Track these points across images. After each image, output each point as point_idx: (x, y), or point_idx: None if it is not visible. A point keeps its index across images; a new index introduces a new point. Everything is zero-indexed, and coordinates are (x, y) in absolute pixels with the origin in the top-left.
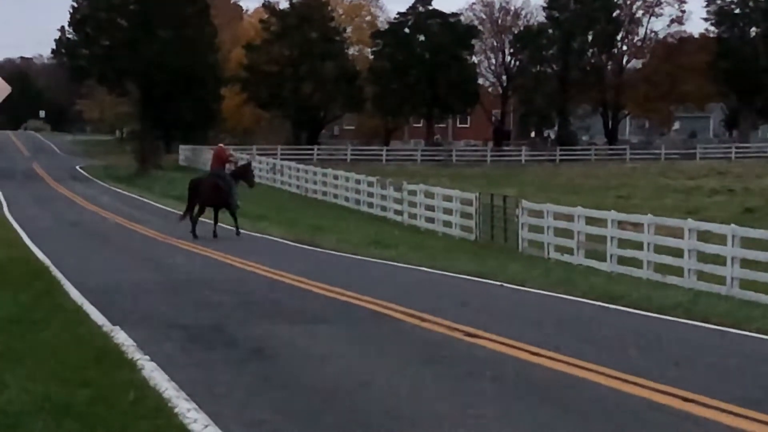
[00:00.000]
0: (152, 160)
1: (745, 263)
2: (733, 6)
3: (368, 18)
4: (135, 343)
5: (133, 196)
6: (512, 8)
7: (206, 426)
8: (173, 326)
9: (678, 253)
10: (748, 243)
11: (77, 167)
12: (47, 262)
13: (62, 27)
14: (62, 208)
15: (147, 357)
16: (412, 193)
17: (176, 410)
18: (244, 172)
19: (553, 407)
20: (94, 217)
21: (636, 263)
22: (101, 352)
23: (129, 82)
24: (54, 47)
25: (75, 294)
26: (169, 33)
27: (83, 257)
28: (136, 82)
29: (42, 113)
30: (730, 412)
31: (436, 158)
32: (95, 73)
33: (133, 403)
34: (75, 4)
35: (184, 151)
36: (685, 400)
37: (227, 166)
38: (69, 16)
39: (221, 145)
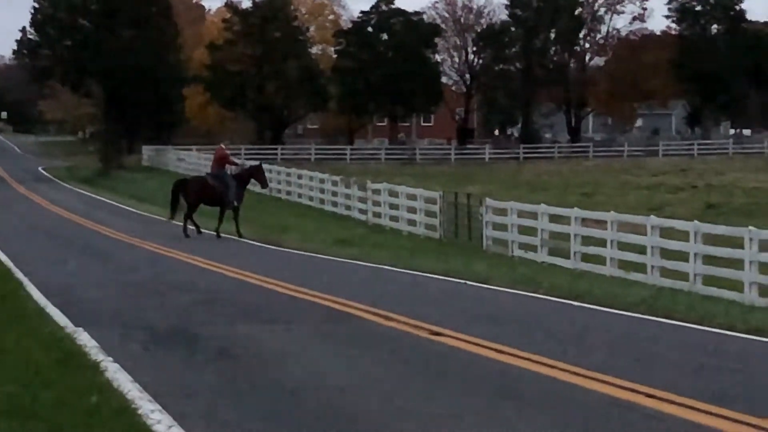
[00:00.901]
0: (115, 161)
1: (708, 259)
2: (694, 3)
3: (331, 17)
4: (98, 345)
5: (96, 197)
6: (475, 7)
7: (170, 427)
8: (137, 327)
9: (641, 249)
10: (710, 239)
11: (40, 168)
12: (9, 264)
13: (24, 27)
14: (24, 209)
15: (110, 358)
16: (377, 192)
17: (140, 411)
18: (256, 173)
19: (517, 404)
20: (56, 218)
21: (599, 260)
22: (64, 354)
23: (91, 83)
24: (15, 48)
25: (37, 295)
26: (132, 33)
27: (46, 259)
28: (99, 83)
29: (4, 114)
30: (694, 408)
31: (400, 157)
32: (57, 73)
33: (97, 405)
34: (36, 5)
35: (147, 152)
36: (648, 396)
37: (231, 167)
38: (30, 16)
39: (222, 145)
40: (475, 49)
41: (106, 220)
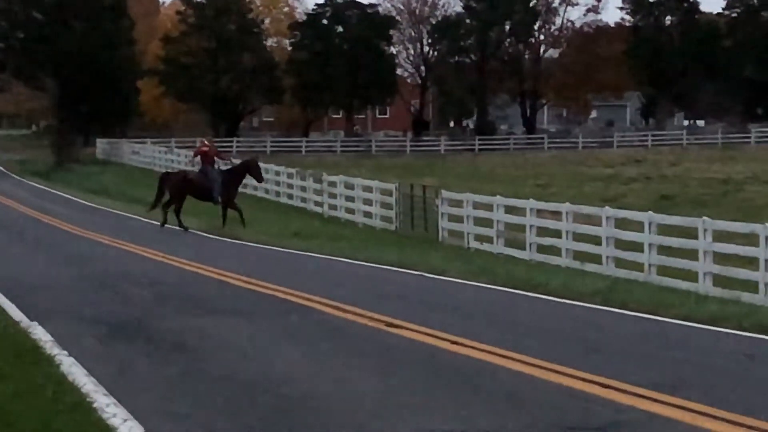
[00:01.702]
0: (70, 154)
1: (662, 250)
2: None
3: (286, 9)
4: (53, 339)
5: (50, 190)
6: None
7: (125, 420)
8: (92, 321)
9: (596, 240)
10: (664, 230)
11: None
12: None
13: None
14: None
15: (65, 352)
16: (332, 184)
17: (96, 405)
18: (252, 169)
19: (474, 395)
20: (8, 211)
21: (555, 251)
22: (19, 348)
23: (45, 76)
24: None
25: None
26: (86, 26)
27: None
28: (53, 76)
29: None
30: (649, 398)
31: (356, 149)
32: (10, 66)
33: (53, 399)
34: None
35: (101, 145)
36: (604, 386)
37: (221, 162)
38: None
39: (204, 140)
40: (430, 41)
41: (59, 213)
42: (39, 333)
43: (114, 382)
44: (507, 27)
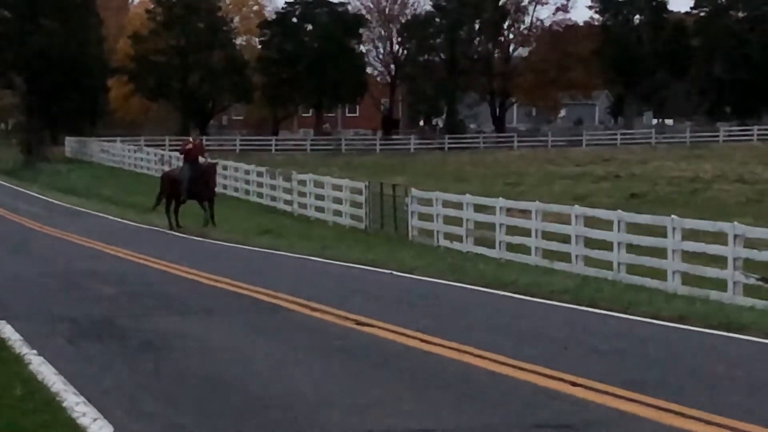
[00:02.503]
0: (39, 153)
1: (631, 248)
2: None
3: (255, 8)
4: (22, 338)
5: (19, 188)
6: None
7: (95, 419)
8: (61, 320)
9: (565, 239)
10: (633, 228)
11: None
12: None
13: None
14: None
15: (34, 351)
16: (302, 182)
17: (65, 404)
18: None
19: (444, 393)
20: None
21: (524, 250)
22: None
23: (14, 74)
24: None
25: None
26: (54, 24)
27: None
28: (21, 74)
29: None
30: (618, 396)
31: (326, 148)
32: None
33: (21, 398)
34: None
35: (70, 143)
36: (574, 384)
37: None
38: None
39: (190, 138)
40: (399, 39)
41: (27, 212)
42: (7, 332)
43: (83, 382)
44: (476, 26)
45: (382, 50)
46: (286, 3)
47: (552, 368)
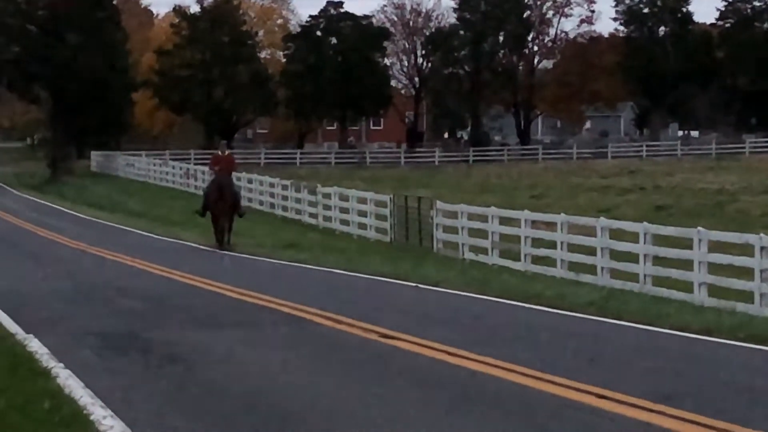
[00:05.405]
0: (64, 167)
1: (657, 260)
2: (641, 6)
3: (280, 21)
4: (49, 351)
5: (45, 203)
6: (423, 10)
7: None
8: (87, 333)
9: (591, 251)
10: (659, 240)
11: None
12: None
13: None
14: None
15: (62, 365)
16: (327, 196)
17: (92, 417)
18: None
19: (471, 406)
20: (3, 224)
21: (550, 262)
22: (15, 360)
23: (39, 89)
24: None
25: None
26: (80, 38)
27: None
28: (47, 89)
29: None
30: (644, 408)
31: (350, 161)
32: (4, 79)
33: (49, 411)
34: None
35: (96, 157)
36: (599, 396)
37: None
38: None
39: (219, 152)
40: (423, 52)
41: (53, 226)
42: (35, 345)
43: (110, 395)
44: (500, 38)
45: (406, 63)
46: (310, 16)
47: (578, 381)
